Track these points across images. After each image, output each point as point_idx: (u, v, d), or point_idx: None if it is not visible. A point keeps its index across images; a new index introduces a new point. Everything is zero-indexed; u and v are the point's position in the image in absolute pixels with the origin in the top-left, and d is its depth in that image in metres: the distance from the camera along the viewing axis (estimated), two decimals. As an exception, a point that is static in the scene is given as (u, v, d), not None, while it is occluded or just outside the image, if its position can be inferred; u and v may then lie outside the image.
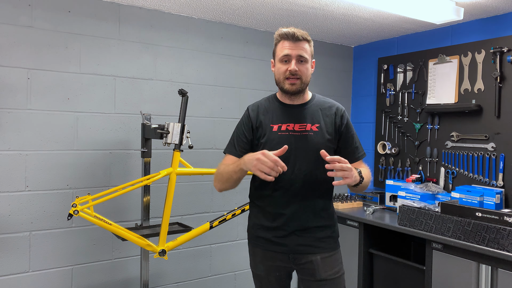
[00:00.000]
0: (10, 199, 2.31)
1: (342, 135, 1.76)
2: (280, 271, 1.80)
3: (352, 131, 1.80)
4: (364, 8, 2.58)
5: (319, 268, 1.72)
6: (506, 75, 2.61)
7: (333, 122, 1.75)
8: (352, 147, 1.78)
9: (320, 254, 1.73)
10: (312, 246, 1.73)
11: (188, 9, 2.70)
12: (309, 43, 1.72)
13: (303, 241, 1.73)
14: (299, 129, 1.72)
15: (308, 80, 1.73)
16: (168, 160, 2.66)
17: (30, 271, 2.37)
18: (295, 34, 1.66)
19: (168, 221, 2.25)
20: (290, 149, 1.65)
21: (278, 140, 1.70)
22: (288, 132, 1.72)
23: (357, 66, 3.66)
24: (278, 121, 1.74)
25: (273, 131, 1.73)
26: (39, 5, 2.36)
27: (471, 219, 2.26)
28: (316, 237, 1.73)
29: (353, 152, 1.78)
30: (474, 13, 2.66)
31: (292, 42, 1.67)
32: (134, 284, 2.69)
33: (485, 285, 2.18)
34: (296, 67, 1.67)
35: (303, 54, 1.67)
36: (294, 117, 1.74)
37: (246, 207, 2.42)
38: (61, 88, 2.43)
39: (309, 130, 1.72)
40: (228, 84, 3.02)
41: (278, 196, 1.73)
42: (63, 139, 2.45)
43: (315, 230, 1.73)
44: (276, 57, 1.73)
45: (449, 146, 2.91)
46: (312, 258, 1.73)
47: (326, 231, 1.76)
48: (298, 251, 1.73)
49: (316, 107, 1.77)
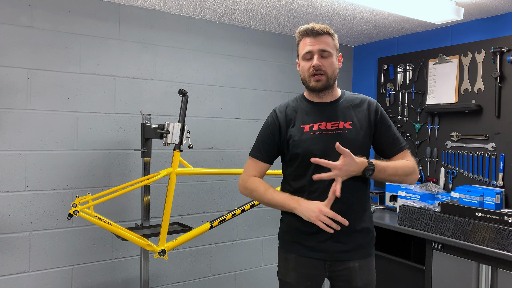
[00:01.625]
0: (10, 199, 2.31)
1: (377, 129, 1.68)
2: (312, 280, 1.69)
3: (387, 123, 1.71)
4: (364, 8, 2.58)
5: (356, 275, 1.64)
6: (506, 75, 2.61)
7: (367, 117, 1.67)
8: (389, 140, 1.69)
9: (358, 261, 1.64)
10: (352, 252, 1.64)
11: (188, 9, 2.70)
12: (332, 36, 1.65)
13: (343, 246, 1.63)
14: (331, 127, 1.64)
15: (334, 75, 1.65)
16: (168, 160, 2.66)
17: (30, 271, 2.37)
18: (314, 28, 1.61)
19: (168, 221, 2.25)
20: (323, 149, 1.61)
21: (311, 140, 1.64)
22: (320, 132, 1.64)
23: (357, 66, 3.66)
24: (309, 121, 1.67)
25: (305, 132, 1.66)
26: (39, 5, 2.36)
27: (471, 219, 2.26)
28: (357, 242, 1.65)
29: (391, 145, 1.69)
30: (474, 13, 2.66)
31: (313, 37, 1.61)
32: (134, 284, 2.69)
33: (485, 285, 2.18)
34: (319, 62, 1.60)
35: (325, 48, 1.61)
36: (325, 116, 1.67)
37: (246, 207, 2.42)
38: (61, 88, 2.43)
39: (342, 128, 1.64)
40: (228, 84, 3.02)
41: (314, 197, 1.63)
42: (63, 139, 2.45)
43: (357, 234, 1.65)
44: (299, 55, 1.68)
45: (449, 146, 2.91)
46: (350, 265, 1.64)
47: (366, 236, 1.68)
48: (337, 257, 1.64)
49: (347, 104, 1.69)
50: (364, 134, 1.66)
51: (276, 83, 3.22)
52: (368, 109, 1.69)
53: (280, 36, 3.24)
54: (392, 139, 1.69)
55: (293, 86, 3.28)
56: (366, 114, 1.68)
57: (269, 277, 3.25)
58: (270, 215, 3.22)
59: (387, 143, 1.69)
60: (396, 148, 1.69)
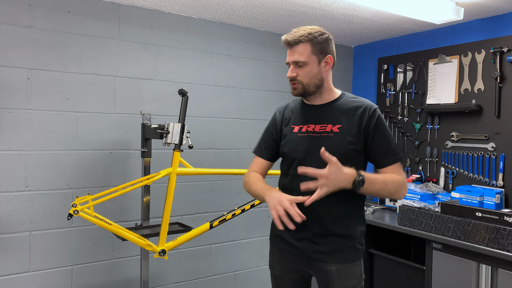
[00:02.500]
0: (10, 199, 2.31)
1: (370, 136, 1.61)
2: (295, 274, 1.73)
3: (383, 131, 1.62)
4: (364, 8, 2.58)
5: (333, 279, 1.63)
6: (506, 75, 2.61)
7: (358, 122, 1.61)
8: (382, 150, 1.61)
9: (335, 265, 1.62)
10: (327, 254, 1.63)
11: (188, 9, 2.70)
12: (311, 41, 1.61)
13: (318, 248, 1.64)
14: (319, 130, 1.65)
15: (314, 81, 1.63)
16: (168, 160, 2.66)
17: (30, 271, 2.37)
18: (287, 40, 1.63)
19: (168, 221, 2.25)
20: (307, 151, 1.63)
21: (297, 141, 1.67)
22: (307, 134, 1.66)
23: (357, 66, 3.66)
24: (300, 122, 1.70)
25: (294, 132, 1.70)
26: (39, 5, 2.36)
27: (471, 219, 2.26)
28: (334, 246, 1.63)
29: (384, 155, 1.61)
30: (474, 13, 2.66)
31: (289, 48, 1.64)
32: (134, 284, 2.69)
33: (485, 285, 2.18)
34: (293, 73, 1.63)
35: (297, 59, 1.61)
36: (315, 118, 1.68)
37: (246, 207, 2.42)
38: (61, 88, 2.43)
39: (329, 131, 1.63)
40: (228, 84, 3.02)
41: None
42: (63, 139, 2.45)
43: (333, 238, 1.63)
44: None
45: (449, 146, 2.91)
46: (327, 268, 1.63)
47: (346, 241, 1.63)
48: (312, 257, 1.66)
49: (342, 107, 1.66)
50: (352, 140, 1.60)
51: (276, 83, 3.22)
52: (362, 114, 1.62)
53: (280, 36, 3.22)
54: (385, 149, 1.61)
55: (293, 86, 3.28)
56: (358, 119, 1.62)
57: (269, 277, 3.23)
58: (270, 215, 3.21)
59: (379, 152, 1.62)
60: (388, 159, 1.61)
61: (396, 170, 1.62)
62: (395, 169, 1.62)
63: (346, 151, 1.59)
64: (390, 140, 1.63)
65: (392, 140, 1.64)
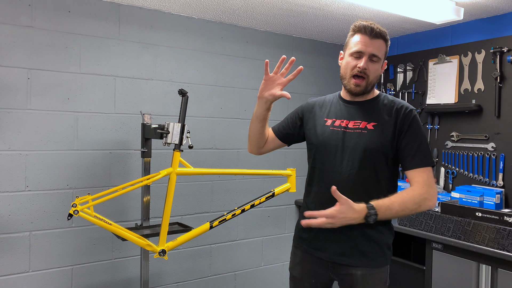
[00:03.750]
0: (10, 199, 2.31)
1: (402, 135, 1.56)
2: (316, 278, 1.67)
3: (415, 133, 1.55)
4: (364, 8, 2.58)
5: (358, 284, 1.57)
6: (506, 75, 2.61)
7: (394, 122, 1.57)
8: (412, 151, 1.53)
9: (361, 269, 1.57)
10: (352, 257, 1.57)
11: (188, 9, 2.70)
12: (386, 43, 1.61)
13: (343, 250, 1.58)
14: (353, 126, 1.61)
15: (374, 81, 1.61)
16: (168, 160, 2.66)
17: (30, 271, 2.37)
18: (373, 29, 1.55)
19: (168, 221, 2.25)
20: (338, 145, 1.60)
21: (328, 134, 1.64)
22: (340, 128, 1.63)
23: (357, 66, 3.65)
24: (334, 115, 1.68)
25: (326, 125, 1.67)
26: (39, 5, 2.36)
27: (471, 219, 2.26)
28: (359, 248, 1.57)
29: (412, 157, 1.53)
30: (474, 13, 2.66)
31: (369, 38, 1.55)
32: (134, 284, 2.69)
33: (485, 285, 2.18)
34: (366, 65, 1.55)
35: (377, 53, 1.56)
36: (350, 114, 1.64)
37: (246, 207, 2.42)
38: (61, 88, 2.43)
39: (363, 128, 1.58)
40: (228, 84, 3.02)
41: (322, 192, 1.61)
42: (63, 139, 2.45)
43: (358, 240, 1.56)
44: (347, 49, 1.62)
45: (449, 146, 2.91)
46: (352, 271, 1.57)
47: (372, 244, 1.57)
48: (336, 260, 1.60)
49: (379, 106, 1.62)
50: (385, 139, 1.56)
51: (276, 83, 3.22)
52: (397, 114, 1.57)
53: (280, 36, 3.24)
54: (415, 150, 1.53)
55: (293, 85, 3.27)
56: (394, 118, 1.57)
57: (269, 277, 3.25)
58: (270, 215, 3.23)
59: (409, 153, 1.54)
60: (416, 161, 1.53)
61: (422, 176, 1.52)
62: (422, 174, 1.52)
63: (378, 148, 1.56)
64: (423, 142, 1.56)
65: (425, 143, 1.56)
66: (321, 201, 1.62)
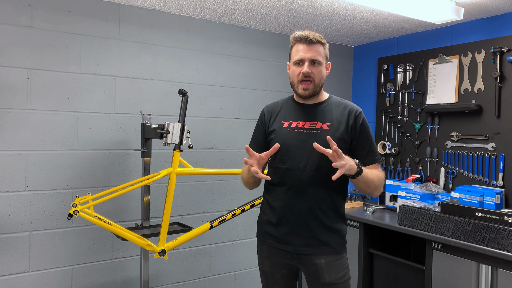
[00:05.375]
0: (10, 199, 2.31)
1: (355, 136, 1.74)
2: (286, 269, 1.79)
3: (366, 134, 1.76)
4: (364, 8, 2.58)
5: (323, 271, 1.70)
6: (506, 75, 2.61)
7: (346, 122, 1.73)
8: (365, 150, 1.74)
9: (324, 257, 1.71)
10: (316, 247, 1.71)
11: (188, 9, 2.70)
12: (324, 45, 1.75)
13: (306, 241, 1.71)
14: (309, 127, 1.74)
15: (321, 82, 1.75)
16: (168, 160, 2.66)
17: (30, 271, 2.37)
18: (308, 37, 1.69)
19: (168, 221, 2.25)
20: (297, 146, 1.71)
21: (286, 136, 1.75)
22: (297, 129, 1.75)
23: (357, 66, 3.66)
24: (290, 118, 1.79)
25: (283, 127, 1.77)
26: (39, 5, 2.36)
27: (471, 219, 2.26)
28: (320, 239, 1.71)
29: (366, 155, 1.74)
30: (474, 13, 2.66)
31: (306, 45, 1.70)
32: (134, 284, 2.69)
33: (485, 285, 2.18)
34: (309, 69, 1.70)
35: (316, 57, 1.70)
36: (306, 116, 1.77)
37: (246, 207, 2.42)
38: (61, 88, 2.43)
39: (319, 128, 1.72)
40: (228, 84, 3.02)
41: (283, 190, 1.74)
42: (63, 139, 2.45)
43: (320, 231, 1.71)
44: (291, 60, 1.77)
45: (449, 146, 2.91)
46: (316, 261, 1.71)
47: (331, 234, 1.72)
48: (301, 251, 1.72)
49: (330, 107, 1.78)
50: (340, 137, 1.70)
51: (276, 83, 3.22)
52: (349, 114, 1.75)
53: (280, 36, 3.24)
54: (368, 150, 1.75)
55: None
56: (346, 118, 1.74)
57: (269, 277, 3.24)
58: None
59: (363, 152, 1.74)
60: (369, 158, 1.74)
61: (376, 168, 1.76)
62: (376, 167, 1.76)
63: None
64: (372, 141, 1.78)
65: (374, 142, 1.79)
66: (282, 199, 1.75)
